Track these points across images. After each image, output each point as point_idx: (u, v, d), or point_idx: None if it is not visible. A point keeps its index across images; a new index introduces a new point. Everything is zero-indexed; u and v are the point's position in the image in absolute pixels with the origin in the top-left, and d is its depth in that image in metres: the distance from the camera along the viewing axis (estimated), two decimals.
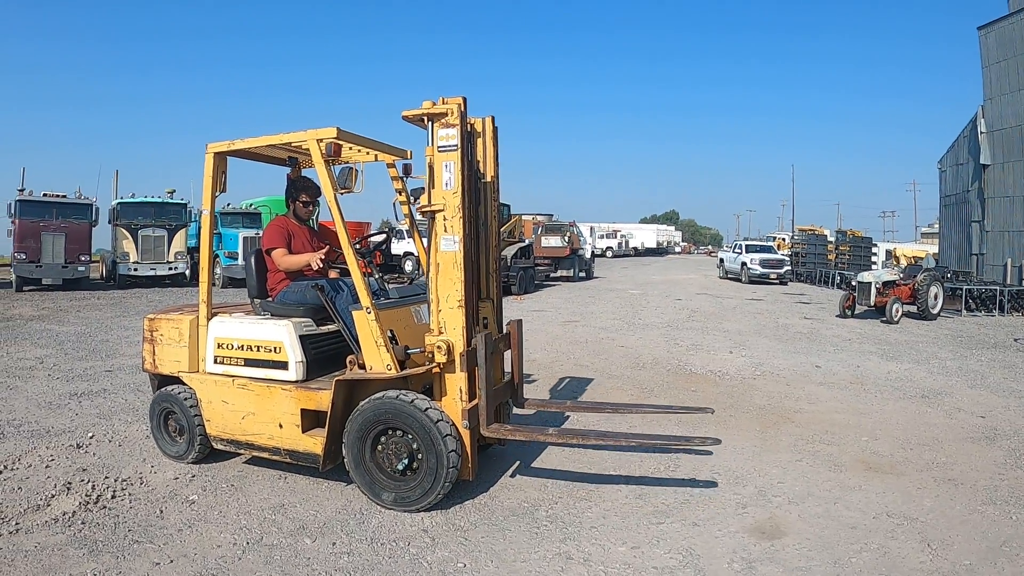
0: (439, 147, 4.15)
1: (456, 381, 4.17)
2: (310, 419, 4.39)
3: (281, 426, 4.41)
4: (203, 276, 4.77)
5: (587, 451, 5.29)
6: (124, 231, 18.39)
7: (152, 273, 18.52)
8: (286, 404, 4.39)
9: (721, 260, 28.99)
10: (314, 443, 4.32)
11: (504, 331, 4.94)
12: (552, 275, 23.57)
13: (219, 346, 4.66)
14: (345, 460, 4.23)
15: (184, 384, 4.81)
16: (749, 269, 24.64)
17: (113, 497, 4.22)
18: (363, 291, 4.26)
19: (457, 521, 4.03)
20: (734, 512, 4.13)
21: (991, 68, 22.48)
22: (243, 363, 4.57)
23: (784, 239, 37.75)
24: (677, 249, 61.17)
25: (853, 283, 14.87)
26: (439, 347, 4.12)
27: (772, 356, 9.50)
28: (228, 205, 21.58)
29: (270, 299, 4.93)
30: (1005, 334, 12.58)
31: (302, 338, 4.50)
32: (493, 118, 4.64)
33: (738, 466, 4.96)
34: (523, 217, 23.97)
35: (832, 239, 32.28)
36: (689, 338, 11.06)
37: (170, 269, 18.67)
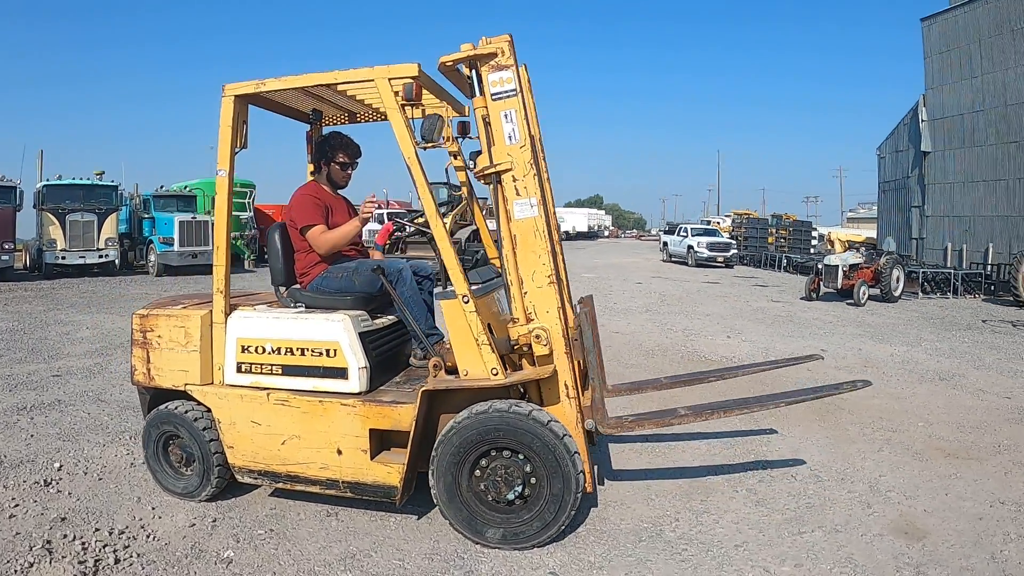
0: (494, 95, 3.07)
1: (562, 375, 3.14)
2: (376, 441, 3.22)
3: (340, 452, 3.20)
4: (219, 257, 3.43)
5: (653, 444, 4.66)
6: (50, 216, 15.68)
7: (81, 261, 15.94)
8: (348, 424, 3.18)
9: (664, 244, 28.31)
10: (387, 472, 3.15)
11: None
12: None
13: (244, 350, 3.37)
14: (433, 492, 3.10)
15: (193, 400, 3.49)
16: (696, 252, 24.07)
17: (117, 563, 2.88)
18: (459, 274, 3.10)
19: (585, 556, 3.03)
20: (863, 513, 3.59)
21: (933, 58, 22.23)
22: (280, 371, 3.31)
23: (719, 222, 37.48)
24: (606, 233, 60.46)
25: (819, 266, 14.55)
26: (538, 336, 3.05)
27: (772, 340, 8.89)
28: (161, 187, 19.08)
29: (300, 286, 3.68)
30: (970, 315, 12.46)
31: (361, 336, 3.30)
32: (526, 66, 3.62)
33: (827, 459, 4.40)
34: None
35: (771, 223, 32.01)
36: (678, 323, 10.31)
37: (100, 257, 16.13)
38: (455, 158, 3.99)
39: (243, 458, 3.38)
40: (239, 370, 3.38)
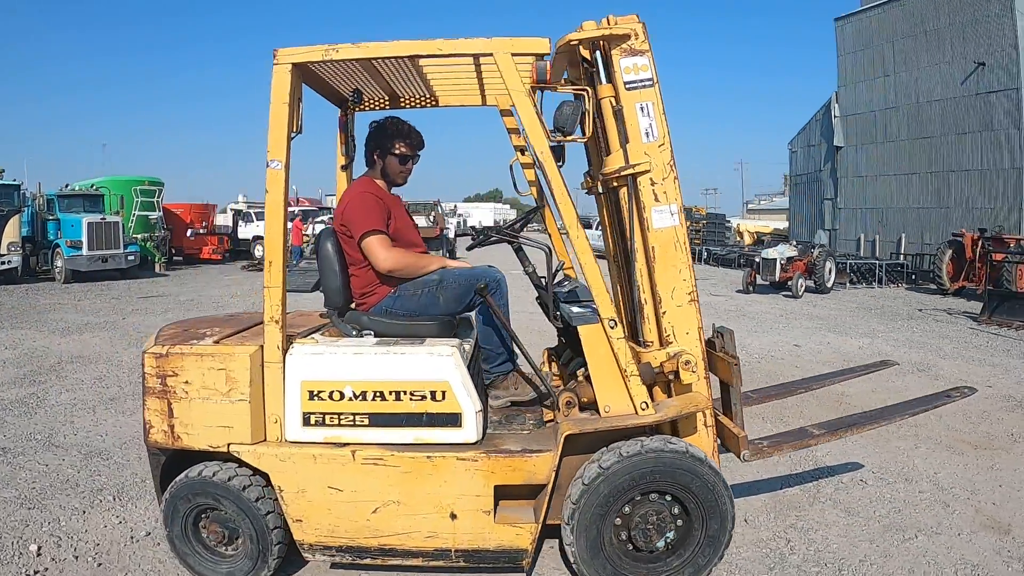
0: (627, 83, 2.38)
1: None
2: (497, 499, 2.41)
3: (455, 516, 2.36)
4: (273, 276, 2.41)
5: None
6: None
7: None
8: (466, 482, 2.34)
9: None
10: (516, 534, 2.36)
11: None
12: None
13: (313, 396, 2.42)
14: (570, 549, 2.33)
15: (236, 463, 2.49)
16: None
17: None
18: (605, 294, 2.35)
19: None
20: (946, 512, 3.32)
21: (846, 57, 21.95)
22: (368, 422, 2.40)
23: None
24: None
25: (756, 260, 14.23)
26: (687, 363, 2.39)
27: (741, 337, 8.60)
28: (67, 186, 16.31)
29: (358, 309, 2.77)
30: (903, 304, 12.27)
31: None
32: None
33: (879, 460, 4.05)
34: None
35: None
36: None
37: (2, 264, 13.46)
38: (522, 154, 3.21)
39: (317, 533, 2.43)
40: (307, 423, 2.43)
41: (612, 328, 2.32)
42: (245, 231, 21.24)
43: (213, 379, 2.44)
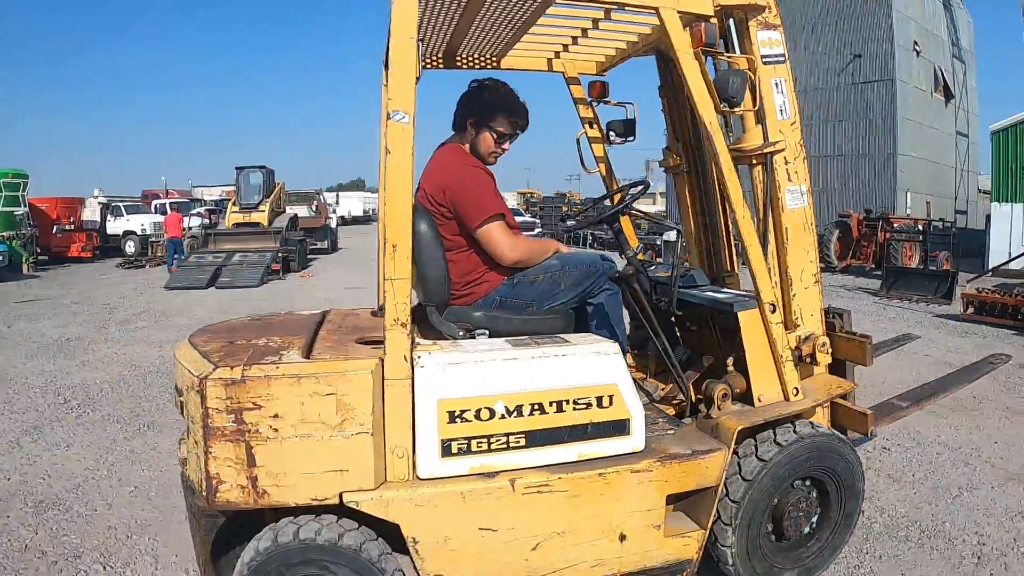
0: (764, 57, 2.18)
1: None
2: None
3: (624, 537, 1.92)
4: (399, 264, 1.68)
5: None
6: None
7: None
8: (639, 496, 1.90)
9: None
10: (684, 545, 2.00)
11: None
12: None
13: (454, 418, 1.76)
14: (728, 552, 2.06)
15: (344, 515, 1.72)
16: None
17: None
18: (767, 279, 2.09)
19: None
20: (970, 470, 3.30)
21: None
22: (524, 442, 1.82)
23: (505, 199, 34.83)
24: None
25: (657, 243, 13.91)
26: (824, 345, 2.27)
27: None
28: None
29: (460, 303, 2.15)
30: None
31: None
32: None
33: (883, 428, 3.50)
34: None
35: (564, 202, 28.04)
36: None
37: None
38: (591, 127, 2.82)
39: None
40: (447, 452, 1.76)
41: (772, 313, 2.10)
42: (115, 226, 17.78)
43: (317, 409, 1.64)
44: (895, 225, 12.77)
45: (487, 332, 2.03)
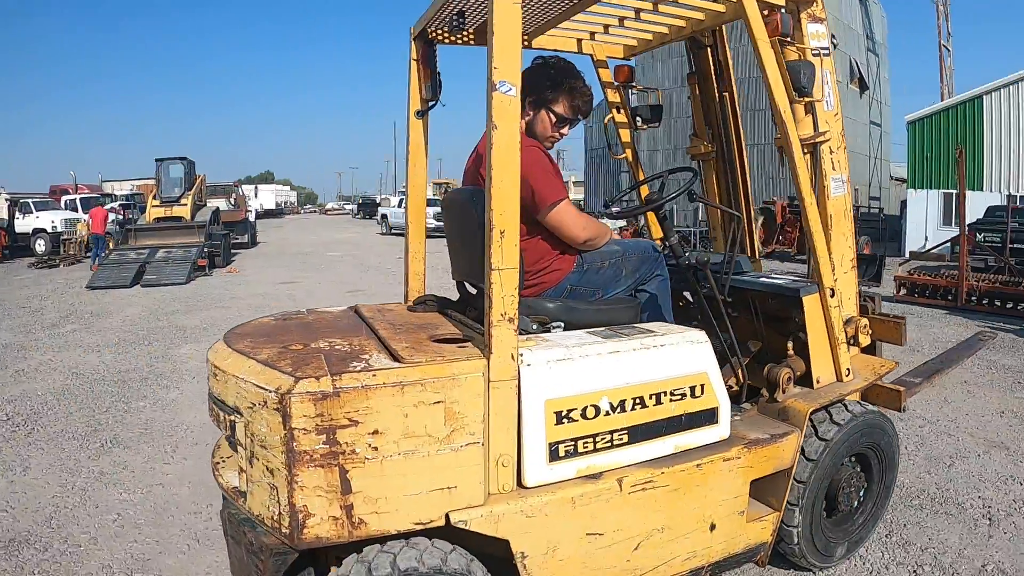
0: (813, 49, 2.12)
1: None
2: None
3: (714, 527, 1.79)
4: (507, 251, 1.42)
5: None
6: None
7: None
8: (728, 484, 1.78)
9: (384, 216, 22.27)
10: (762, 528, 1.92)
11: None
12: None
13: (561, 419, 1.54)
14: (792, 531, 1.99)
15: (441, 536, 1.44)
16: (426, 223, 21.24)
17: None
18: (828, 264, 2.03)
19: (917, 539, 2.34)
20: (954, 440, 3.36)
21: None
22: (626, 439, 1.63)
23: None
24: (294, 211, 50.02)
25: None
26: (865, 327, 2.26)
27: None
28: None
29: (528, 292, 1.91)
30: None
31: None
32: None
33: (912, 411, 3.76)
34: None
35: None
36: None
37: None
38: (618, 112, 2.66)
39: None
40: (554, 456, 1.53)
41: (831, 297, 2.05)
42: (23, 224, 15.29)
43: (424, 420, 1.36)
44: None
45: (562, 324, 1.82)
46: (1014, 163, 13.60)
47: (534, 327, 1.77)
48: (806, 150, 2.13)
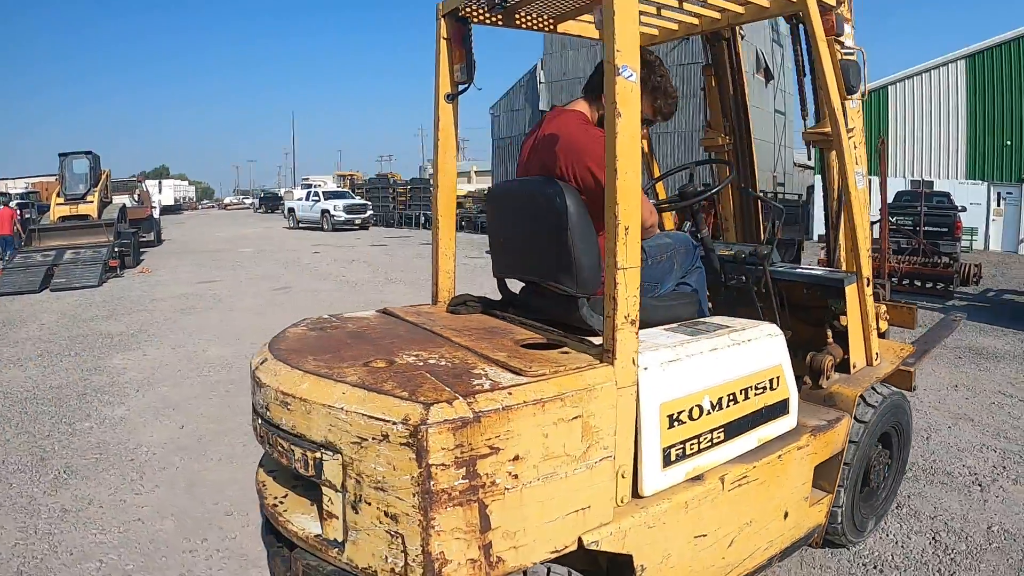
0: (844, 49, 2.12)
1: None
2: None
3: (787, 515, 1.74)
4: (631, 249, 1.24)
5: None
6: None
7: None
8: (799, 471, 1.73)
9: (291, 209, 21.01)
10: (819, 511, 1.91)
11: None
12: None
13: (673, 422, 1.39)
14: (837, 511, 1.99)
15: (571, 561, 1.24)
16: (333, 216, 18.58)
17: None
18: (867, 255, 2.03)
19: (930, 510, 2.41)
20: (925, 415, 3.37)
21: None
22: (723, 436, 1.53)
23: (322, 184, 28.52)
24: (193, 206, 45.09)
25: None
26: (883, 313, 2.33)
27: None
28: None
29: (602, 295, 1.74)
30: None
31: None
32: None
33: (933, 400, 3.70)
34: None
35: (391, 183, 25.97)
36: (470, 290, 8.62)
37: None
38: None
39: None
40: (667, 462, 1.39)
41: (868, 286, 2.07)
42: None
43: (562, 439, 1.16)
44: None
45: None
46: (918, 150, 14.35)
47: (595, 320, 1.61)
48: (826, 147, 2.13)
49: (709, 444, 1.50)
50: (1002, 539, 2.07)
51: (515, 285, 1.93)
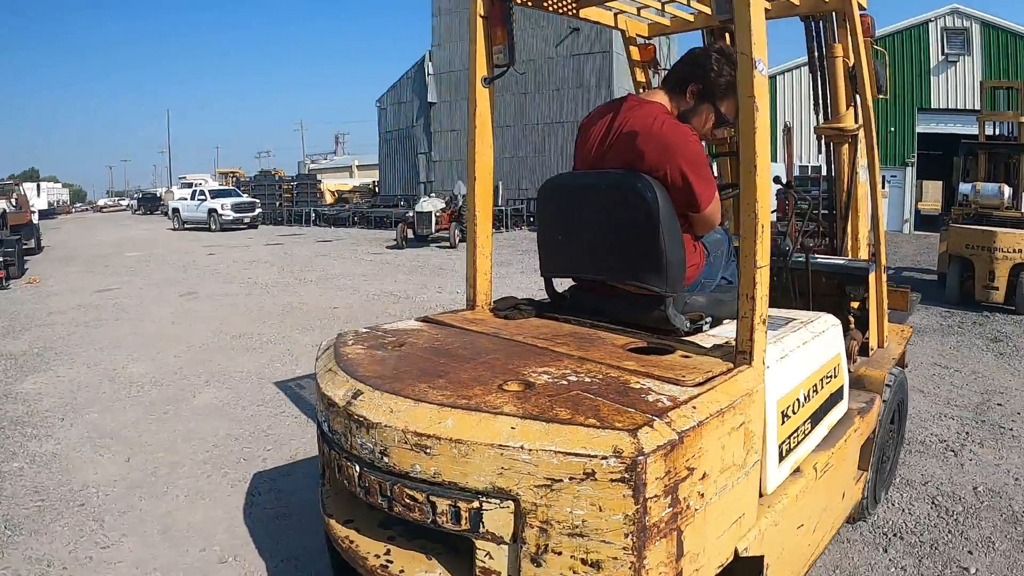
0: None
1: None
2: None
3: (844, 495, 1.83)
4: (762, 246, 1.19)
5: None
6: None
7: None
8: (853, 452, 1.84)
9: (175, 210, 19.65)
10: (859, 488, 2.03)
11: None
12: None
13: (784, 417, 1.37)
14: (868, 484, 2.14)
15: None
16: (221, 216, 17.68)
17: None
18: (884, 244, 2.17)
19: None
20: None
21: (440, 18, 19.78)
22: (809, 426, 1.54)
23: (203, 181, 26.64)
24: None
25: (410, 214, 12.53)
26: None
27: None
28: None
29: (691, 291, 1.70)
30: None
31: None
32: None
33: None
34: None
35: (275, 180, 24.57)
36: (372, 287, 8.00)
37: None
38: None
39: None
40: (781, 457, 1.37)
41: (884, 275, 2.21)
42: None
43: (733, 447, 1.09)
44: None
45: (710, 320, 1.66)
46: (803, 138, 15.16)
47: (687, 325, 1.57)
48: (840, 140, 2.25)
49: (803, 436, 1.53)
50: (990, 498, 2.34)
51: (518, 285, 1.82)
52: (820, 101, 2.33)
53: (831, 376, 1.70)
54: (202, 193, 19.24)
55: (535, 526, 0.93)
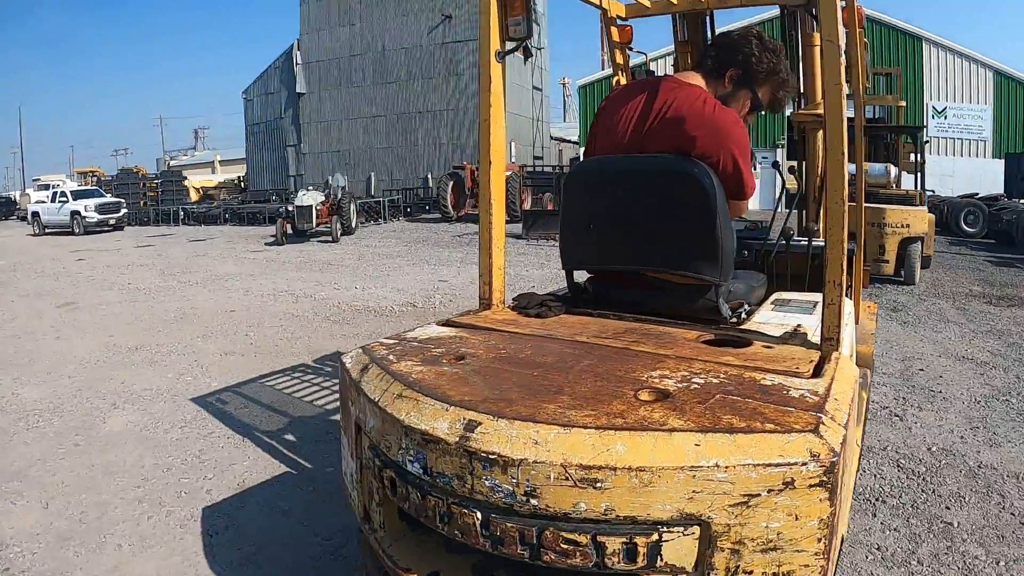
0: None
1: None
2: None
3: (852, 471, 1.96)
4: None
5: None
6: None
7: None
8: (858, 424, 1.96)
9: (35, 214, 17.72)
10: (857, 459, 2.15)
11: None
12: None
13: None
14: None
15: None
16: (85, 218, 16.29)
17: None
18: (862, 228, 2.33)
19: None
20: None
21: (309, 5, 18.89)
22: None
23: (62, 182, 23.60)
24: None
25: (289, 208, 11.83)
26: None
27: (367, 284, 7.03)
28: None
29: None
30: (435, 232, 11.98)
31: None
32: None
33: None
34: None
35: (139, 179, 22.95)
36: (266, 287, 7.53)
37: None
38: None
39: None
40: None
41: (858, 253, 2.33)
42: None
43: (856, 431, 1.08)
44: (510, 173, 12.12)
45: (748, 305, 1.69)
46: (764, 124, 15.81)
47: (729, 313, 1.58)
48: (811, 127, 2.37)
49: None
50: (945, 456, 2.62)
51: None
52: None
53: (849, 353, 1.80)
54: (63, 195, 17.39)
55: (726, 549, 0.85)
